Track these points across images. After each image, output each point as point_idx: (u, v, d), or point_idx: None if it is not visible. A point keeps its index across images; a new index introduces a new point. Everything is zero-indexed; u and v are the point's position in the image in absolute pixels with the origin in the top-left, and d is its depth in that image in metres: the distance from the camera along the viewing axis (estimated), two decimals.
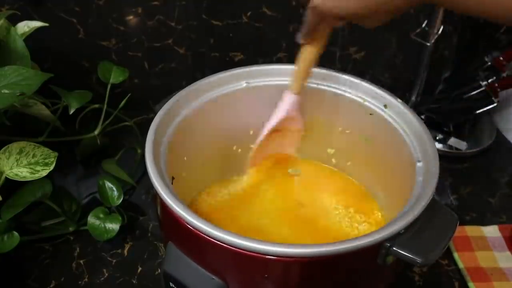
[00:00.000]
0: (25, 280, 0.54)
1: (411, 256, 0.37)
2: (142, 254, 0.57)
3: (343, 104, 0.53)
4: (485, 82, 0.68)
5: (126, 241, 0.58)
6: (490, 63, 0.68)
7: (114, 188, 0.59)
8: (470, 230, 0.59)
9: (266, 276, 0.38)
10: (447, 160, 0.70)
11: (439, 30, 0.67)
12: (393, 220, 0.38)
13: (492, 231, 0.59)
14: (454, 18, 0.70)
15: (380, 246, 0.37)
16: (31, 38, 0.57)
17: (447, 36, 0.71)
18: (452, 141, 0.71)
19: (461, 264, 0.54)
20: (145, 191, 0.65)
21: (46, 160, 0.52)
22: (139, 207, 0.63)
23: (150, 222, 0.60)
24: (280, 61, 0.74)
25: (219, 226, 0.37)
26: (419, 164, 0.44)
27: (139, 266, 0.55)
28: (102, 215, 0.57)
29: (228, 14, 0.70)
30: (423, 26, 0.68)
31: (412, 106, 0.75)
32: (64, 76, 0.62)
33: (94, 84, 0.74)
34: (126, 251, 0.57)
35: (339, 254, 0.36)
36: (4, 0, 0.66)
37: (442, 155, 0.69)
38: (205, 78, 0.52)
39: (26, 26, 0.59)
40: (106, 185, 0.59)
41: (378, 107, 0.51)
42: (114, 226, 0.57)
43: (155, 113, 0.48)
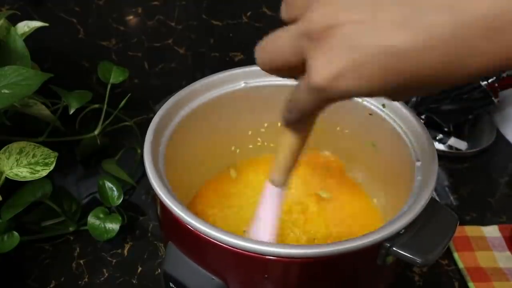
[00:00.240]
0: (25, 280, 0.54)
1: (411, 256, 0.37)
2: (142, 254, 0.57)
3: (342, 104, 0.52)
4: (485, 82, 0.68)
5: (126, 241, 0.58)
6: None
7: (114, 188, 0.59)
8: (470, 230, 0.59)
9: (266, 276, 0.38)
10: (447, 160, 0.70)
11: None
12: (392, 219, 0.38)
13: (492, 231, 0.59)
14: None
15: (380, 246, 0.37)
16: (31, 38, 0.57)
17: None
18: (452, 141, 0.71)
19: (461, 264, 0.54)
20: (145, 191, 0.65)
21: (46, 160, 0.52)
22: (139, 207, 0.63)
23: (150, 222, 0.60)
24: None
25: (219, 226, 0.37)
26: (418, 164, 0.44)
27: (139, 266, 0.55)
28: (102, 215, 0.57)
29: (228, 14, 0.70)
30: None
31: (412, 106, 0.75)
32: (64, 76, 0.62)
33: (94, 84, 0.74)
34: (126, 251, 0.57)
35: (339, 255, 0.36)
36: (4, 0, 0.66)
37: (442, 155, 0.70)
38: (205, 78, 0.52)
39: (26, 26, 0.59)
40: (106, 185, 0.59)
41: (377, 107, 0.51)
42: (114, 226, 0.57)
43: (155, 113, 0.48)
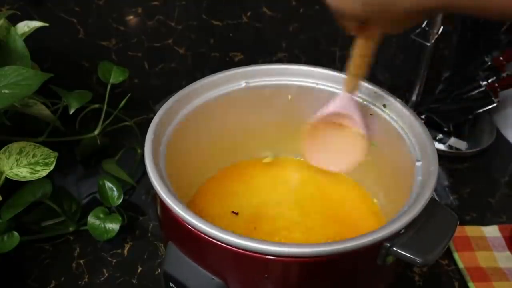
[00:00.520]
0: (25, 280, 0.54)
1: (411, 256, 0.37)
2: (142, 254, 0.57)
3: None
4: (485, 82, 0.68)
5: (126, 241, 0.58)
6: (490, 63, 0.68)
7: (114, 188, 0.59)
8: (470, 230, 0.59)
9: (266, 276, 0.38)
10: (447, 160, 0.70)
11: (439, 30, 0.67)
12: (392, 219, 0.38)
13: (492, 231, 0.59)
14: (454, 18, 0.70)
15: (380, 246, 0.37)
16: (31, 38, 0.57)
17: (447, 36, 0.71)
18: (452, 141, 0.71)
19: (461, 264, 0.54)
20: (145, 191, 0.65)
21: (46, 160, 0.52)
22: (139, 207, 0.63)
23: (150, 222, 0.60)
24: (280, 61, 0.74)
25: (220, 225, 0.37)
26: (418, 164, 0.44)
27: (139, 266, 0.55)
28: (102, 215, 0.57)
29: (228, 14, 0.70)
30: (423, 26, 0.68)
31: (412, 106, 0.75)
32: (64, 76, 0.62)
33: (94, 84, 0.74)
34: (126, 251, 0.57)
35: (339, 254, 0.36)
36: (4, 0, 0.66)
37: (442, 155, 0.70)
38: (205, 78, 0.52)
39: (26, 26, 0.59)
40: (106, 185, 0.59)
41: (377, 107, 0.51)
42: (114, 226, 0.57)
43: (155, 113, 0.48)
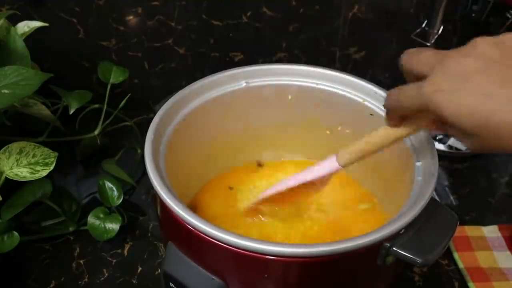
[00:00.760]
0: (25, 280, 0.54)
1: (411, 256, 0.37)
2: (142, 254, 0.57)
3: (343, 104, 0.53)
4: None
5: (126, 241, 0.58)
6: None
7: (114, 188, 0.59)
8: (470, 230, 0.59)
9: (266, 276, 0.38)
10: (447, 160, 0.70)
11: (439, 30, 0.67)
12: (392, 220, 0.38)
13: (492, 231, 0.59)
14: (454, 18, 0.70)
15: (380, 246, 0.37)
16: (31, 38, 0.57)
17: (447, 36, 0.71)
18: (452, 141, 0.71)
19: (461, 264, 0.54)
20: (145, 191, 0.65)
21: (46, 160, 0.52)
22: (139, 207, 0.63)
23: (150, 222, 0.60)
24: (280, 61, 0.74)
25: (219, 225, 0.37)
26: (418, 164, 0.44)
27: (139, 266, 0.55)
28: (102, 215, 0.57)
29: (228, 14, 0.70)
30: (423, 26, 0.68)
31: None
32: (64, 76, 0.62)
33: (94, 84, 0.74)
34: (126, 251, 0.57)
35: (339, 254, 0.36)
36: (4, 0, 0.66)
37: (442, 155, 0.70)
38: (205, 78, 0.52)
39: (26, 26, 0.59)
40: (106, 185, 0.59)
41: (378, 107, 0.51)
42: (114, 226, 0.57)
43: (155, 113, 0.48)
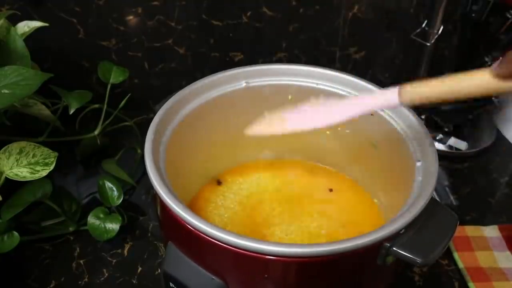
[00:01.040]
0: (25, 280, 0.54)
1: (411, 256, 0.37)
2: (142, 254, 0.57)
3: None
4: None
5: (126, 241, 0.58)
6: (490, 63, 0.68)
7: (114, 188, 0.59)
8: (470, 230, 0.59)
9: (266, 276, 0.38)
10: (447, 160, 0.70)
11: (439, 30, 0.67)
12: (392, 219, 0.38)
13: (492, 231, 0.59)
14: (454, 18, 0.70)
15: (380, 246, 0.37)
16: (31, 38, 0.57)
17: (447, 36, 0.71)
18: (452, 141, 0.71)
19: (461, 264, 0.54)
20: (145, 191, 0.65)
21: (46, 160, 0.52)
22: (139, 207, 0.63)
23: (150, 222, 0.60)
24: (280, 61, 0.74)
25: (220, 225, 0.37)
26: (418, 164, 0.44)
27: (139, 266, 0.55)
28: (102, 215, 0.57)
29: (228, 14, 0.70)
30: (423, 26, 0.68)
31: (412, 106, 0.74)
32: (64, 76, 0.62)
33: (94, 84, 0.74)
34: (126, 251, 0.57)
35: (339, 254, 0.36)
36: (4, 0, 0.66)
37: (442, 155, 0.70)
38: (205, 78, 0.52)
39: (26, 26, 0.59)
40: (106, 185, 0.59)
41: None
42: (114, 226, 0.57)
43: (155, 113, 0.48)
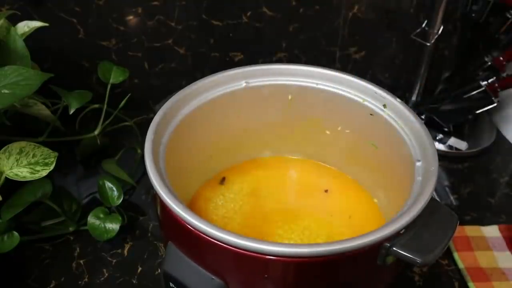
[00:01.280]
0: (25, 280, 0.54)
1: (411, 256, 0.37)
2: (142, 254, 0.57)
3: (343, 104, 0.53)
4: (485, 82, 0.68)
5: (126, 241, 0.58)
6: (490, 63, 0.68)
7: (114, 188, 0.59)
8: (470, 230, 0.59)
9: (266, 276, 0.38)
10: (447, 160, 0.70)
11: (439, 30, 0.67)
12: (392, 219, 0.38)
13: (492, 231, 0.59)
14: (454, 18, 0.70)
15: (380, 246, 0.37)
16: (31, 38, 0.57)
17: (447, 36, 0.71)
18: (452, 141, 0.71)
19: (461, 264, 0.54)
20: (145, 191, 0.65)
21: (46, 160, 0.52)
22: (139, 207, 0.63)
23: (150, 222, 0.60)
24: (280, 61, 0.74)
25: (220, 225, 0.37)
26: (418, 164, 0.44)
27: (139, 266, 0.55)
28: (102, 215, 0.57)
29: (228, 14, 0.70)
30: (423, 26, 0.68)
31: (412, 106, 0.75)
32: (64, 76, 0.62)
33: (94, 84, 0.74)
34: (126, 251, 0.57)
35: (339, 254, 0.36)
36: (4, 0, 0.66)
37: (442, 155, 0.70)
38: (205, 78, 0.52)
39: (26, 26, 0.59)
40: (106, 185, 0.59)
41: (378, 107, 0.51)
42: (114, 226, 0.57)
43: (155, 113, 0.48)
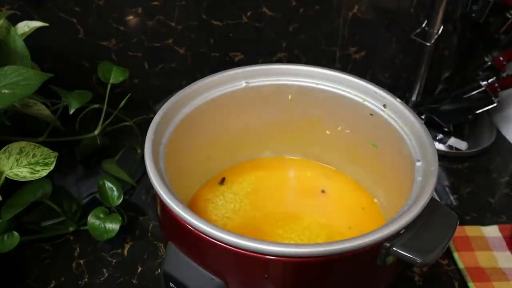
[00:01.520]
0: (25, 280, 0.54)
1: (411, 256, 0.37)
2: (142, 254, 0.57)
3: (343, 104, 0.53)
4: (485, 82, 0.68)
5: (126, 241, 0.58)
6: (490, 63, 0.68)
7: (114, 188, 0.59)
8: (470, 230, 0.59)
9: (266, 276, 0.38)
10: (447, 160, 0.70)
11: (439, 30, 0.67)
12: (392, 219, 0.38)
13: (492, 231, 0.59)
14: (454, 18, 0.70)
15: (380, 246, 0.37)
16: (31, 38, 0.57)
17: (447, 36, 0.71)
18: (452, 141, 0.71)
19: (461, 264, 0.54)
20: (145, 191, 0.65)
21: (46, 160, 0.52)
22: (139, 207, 0.63)
23: (150, 222, 0.60)
24: (280, 61, 0.74)
25: (220, 225, 0.37)
26: (418, 164, 0.44)
27: (139, 266, 0.55)
28: (102, 215, 0.57)
29: (228, 14, 0.70)
30: (423, 26, 0.68)
31: (412, 106, 0.75)
32: (64, 76, 0.62)
33: (94, 84, 0.74)
34: (126, 251, 0.57)
35: (339, 254, 0.36)
36: (4, 0, 0.66)
37: (442, 155, 0.70)
38: (205, 78, 0.52)
39: (26, 26, 0.59)
40: (106, 185, 0.59)
41: (378, 107, 0.51)
42: (114, 226, 0.57)
43: (155, 113, 0.48)
